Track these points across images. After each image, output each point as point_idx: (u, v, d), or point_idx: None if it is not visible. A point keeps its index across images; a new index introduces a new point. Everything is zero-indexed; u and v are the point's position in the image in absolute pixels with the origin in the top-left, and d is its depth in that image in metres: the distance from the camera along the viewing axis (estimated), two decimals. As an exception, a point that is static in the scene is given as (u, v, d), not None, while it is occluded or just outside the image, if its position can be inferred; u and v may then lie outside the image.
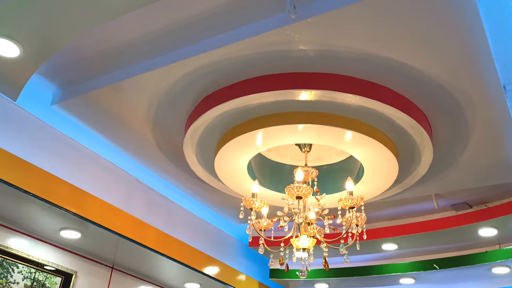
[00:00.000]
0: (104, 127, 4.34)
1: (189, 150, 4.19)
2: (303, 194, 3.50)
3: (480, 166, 4.32)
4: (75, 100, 3.95)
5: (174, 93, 3.73)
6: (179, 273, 5.79)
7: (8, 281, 4.40)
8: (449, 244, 5.67)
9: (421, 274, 5.96)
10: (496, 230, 5.14)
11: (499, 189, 4.85)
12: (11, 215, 4.40)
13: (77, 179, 4.40)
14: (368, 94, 3.38)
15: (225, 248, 6.32)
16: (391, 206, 5.32)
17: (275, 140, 3.86)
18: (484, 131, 3.83)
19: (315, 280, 6.54)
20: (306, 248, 3.54)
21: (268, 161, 4.61)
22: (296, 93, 3.42)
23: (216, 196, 5.28)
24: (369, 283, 6.46)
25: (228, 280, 6.12)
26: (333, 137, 3.75)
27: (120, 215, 4.76)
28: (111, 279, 5.51)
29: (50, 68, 3.74)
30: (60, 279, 4.88)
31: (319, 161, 4.50)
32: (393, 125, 3.67)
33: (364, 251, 5.75)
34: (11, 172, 3.83)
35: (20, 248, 4.58)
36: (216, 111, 3.66)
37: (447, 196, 5.05)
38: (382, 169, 4.10)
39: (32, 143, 4.12)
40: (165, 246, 5.22)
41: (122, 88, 3.78)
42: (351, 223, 3.42)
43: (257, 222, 3.61)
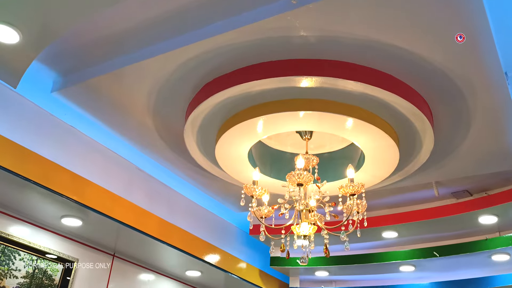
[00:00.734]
0: (105, 114, 4.33)
1: (190, 138, 4.19)
2: (304, 181, 3.50)
3: (481, 153, 4.31)
4: (75, 87, 3.94)
5: (174, 80, 3.72)
6: (180, 260, 5.82)
7: (10, 268, 4.42)
8: (449, 232, 5.68)
9: (421, 262, 5.98)
10: (496, 217, 5.15)
11: (499, 177, 4.85)
12: (12, 202, 4.41)
13: (78, 167, 4.40)
14: (369, 81, 3.37)
15: (226, 236, 6.34)
16: (391, 194, 5.32)
17: (276, 127, 3.86)
18: (485, 118, 3.82)
19: (316, 267, 6.57)
20: (307, 235, 3.54)
21: (268, 149, 4.60)
22: (297, 80, 3.41)
23: (217, 184, 5.29)
24: (369, 270, 6.49)
25: (229, 268, 6.14)
26: (334, 124, 3.75)
27: (121, 202, 4.77)
28: (112, 266, 5.54)
29: (50, 55, 3.72)
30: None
31: (319, 149, 4.50)
32: (394, 112, 3.66)
33: (365, 238, 5.76)
34: (12, 159, 3.83)
35: (22, 235, 4.59)
36: (216, 98, 3.65)
37: (447, 184, 5.05)
38: (383, 156, 4.09)
39: (32, 131, 4.11)
40: (166, 233, 5.24)
41: (122, 75, 3.77)
42: (352, 210, 3.42)
43: (258, 210, 3.61)
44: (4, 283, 4.35)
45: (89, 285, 5.18)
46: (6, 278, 4.37)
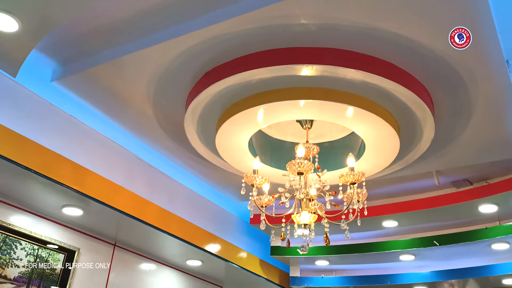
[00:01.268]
0: (104, 104, 4.32)
1: (190, 127, 4.18)
2: (305, 170, 3.50)
3: (482, 142, 4.31)
4: (75, 76, 3.93)
5: (174, 69, 3.71)
6: (181, 250, 5.84)
7: (12, 257, 4.44)
8: (450, 221, 5.69)
9: (421, 251, 6.00)
10: (496, 206, 5.16)
11: (500, 166, 4.86)
12: (13, 192, 4.42)
13: (78, 157, 4.40)
14: (370, 69, 3.36)
15: (226, 225, 6.36)
16: (391, 183, 5.33)
17: (276, 116, 3.85)
18: (486, 106, 3.81)
19: (316, 257, 6.59)
20: (307, 224, 3.55)
21: (269, 139, 4.60)
22: (297, 68, 3.39)
23: (217, 174, 5.29)
24: (369, 259, 6.52)
25: (230, 257, 6.17)
26: (335, 112, 3.74)
27: (121, 192, 4.78)
28: (113, 256, 5.56)
29: (49, 44, 3.71)
30: (63, 255, 4.92)
31: (320, 138, 4.49)
32: (395, 101, 3.66)
33: (365, 228, 5.77)
34: (12, 148, 3.83)
35: (23, 225, 4.60)
36: (216, 87, 3.64)
37: (448, 173, 5.06)
38: (383, 145, 4.09)
39: (32, 120, 4.11)
40: (167, 223, 5.25)
41: (122, 65, 3.75)
42: (352, 198, 3.42)
43: (259, 199, 3.62)
44: (6, 272, 4.37)
45: (90, 274, 5.20)
46: (7, 267, 4.39)
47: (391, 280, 6.57)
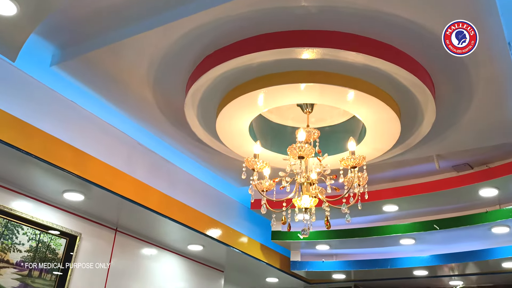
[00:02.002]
0: (104, 88, 4.31)
1: (190, 112, 4.17)
2: (305, 154, 3.49)
3: (483, 126, 4.30)
4: (74, 61, 3.91)
5: (174, 53, 3.68)
6: (182, 234, 5.87)
7: (14, 242, 4.46)
8: (450, 205, 5.71)
9: (421, 235, 6.03)
10: (497, 190, 5.16)
11: (500, 150, 4.85)
12: (14, 177, 4.43)
13: (78, 141, 4.40)
14: (371, 52, 3.33)
15: (227, 210, 6.38)
16: (392, 167, 5.33)
17: (277, 100, 3.84)
18: (487, 90, 3.79)
19: (316, 241, 6.62)
20: (308, 208, 3.55)
21: (269, 123, 4.59)
22: (298, 52, 3.37)
23: (217, 159, 5.29)
24: (370, 244, 6.55)
25: (231, 242, 6.20)
26: (336, 96, 3.73)
27: (122, 177, 4.78)
28: (115, 241, 5.59)
29: (48, 28, 3.68)
30: (65, 240, 4.94)
31: (321, 123, 4.48)
32: (396, 84, 3.64)
33: (365, 212, 5.78)
34: (12, 133, 3.83)
35: (24, 210, 4.62)
36: (217, 71, 3.62)
37: (448, 157, 5.06)
38: (384, 129, 4.08)
39: (32, 105, 4.10)
40: (168, 208, 5.27)
41: (121, 49, 3.73)
42: (353, 182, 3.42)
43: (259, 183, 3.62)
44: (8, 257, 4.39)
45: (92, 258, 5.23)
46: (10, 252, 4.41)
47: (392, 264, 6.62)
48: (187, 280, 6.64)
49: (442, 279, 7.09)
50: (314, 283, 7.90)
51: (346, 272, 7.15)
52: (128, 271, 5.72)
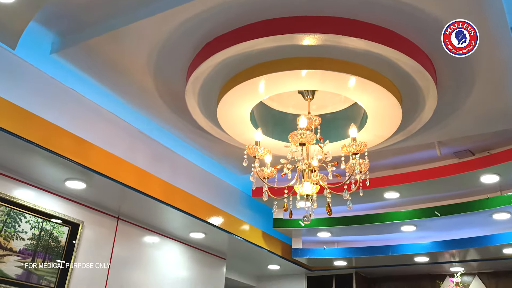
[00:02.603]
0: (105, 76, 4.29)
1: (191, 99, 4.16)
2: (307, 141, 3.48)
3: (484, 112, 4.29)
4: (74, 49, 3.90)
5: (174, 40, 3.67)
6: (184, 222, 5.89)
7: (17, 230, 4.48)
8: (451, 192, 5.72)
9: (422, 222, 6.04)
10: (498, 176, 5.16)
11: (502, 136, 4.84)
12: (15, 165, 4.44)
13: (80, 130, 4.40)
14: (373, 38, 3.32)
15: (228, 198, 6.40)
16: (394, 154, 5.33)
17: (278, 86, 3.83)
18: (489, 76, 3.78)
19: (318, 228, 6.64)
20: (309, 194, 3.55)
21: (270, 111, 4.58)
22: (299, 38, 3.36)
23: (219, 147, 5.29)
24: (371, 231, 6.57)
25: (233, 230, 6.22)
26: (337, 82, 3.72)
27: (124, 165, 4.79)
28: (117, 229, 5.61)
29: (48, 15, 3.66)
30: (68, 228, 4.96)
31: (322, 110, 4.47)
32: (397, 70, 3.62)
33: (366, 199, 5.80)
34: (14, 121, 3.82)
35: (27, 198, 4.63)
36: (217, 57, 3.61)
37: (450, 143, 5.05)
38: (385, 115, 4.08)
39: (33, 93, 4.10)
40: (169, 196, 5.28)
41: (121, 36, 3.71)
42: (354, 169, 3.41)
43: (261, 170, 3.61)
44: (11, 245, 4.42)
45: (94, 247, 5.26)
46: (13, 240, 4.43)
47: (393, 251, 6.65)
48: (189, 268, 6.68)
49: (443, 266, 7.13)
50: (316, 270, 7.95)
51: (348, 259, 7.19)
52: (131, 259, 5.74)
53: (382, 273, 7.86)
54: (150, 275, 5.98)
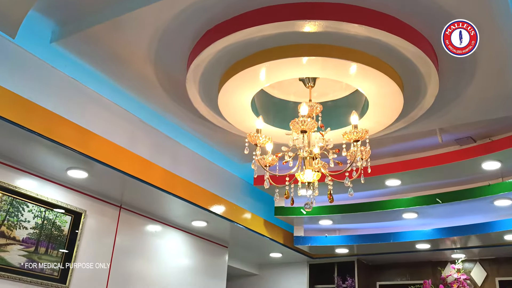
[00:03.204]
0: (105, 65, 4.28)
1: (192, 88, 4.15)
2: (308, 128, 3.49)
3: (486, 99, 4.27)
4: (74, 37, 3.88)
5: (174, 28, 3.65)
6: (186, 211, 5.91)
7: (19, 219, 4.50)
8: (453, 179, 5.71)
9: (423, 209, 6.05)
10: (499, 163, 5.15)
11: (503, 123, 4.83)
12: (17, 155, 4.45)
13: (80, 119, 4.41)
14: (374, 24, 3.29)
15: (230, 187, 6.41)
16: (395, 142, 5.32)
17: (279, 74, 3.82)
18: (491, 61, 3.75)
19: (319, 216, 6.66)
20: (310, 182, 3.55)
21: (271, 99, 4.57)
22: (300, 24, 3.33)
23: (220, 136, 5.29)
24: (373, 218, 6.59)
25: (234, 218, 6.24)
26: (338, 69, 3.70)
27: (125, 154, 4.80)
28: (119, 218, 5.63)
29: (47, 4, 3.64)
30: (70, 217, 4.99)
31: (323, 97, 4.46)
32: (398, 56, 3.60)
33: (368, 187, 5.80)
34: (14, 111, 3.83)
35: (29, 188, 4.65)
36: (217, 45, 3.59)
37: (451, 130, 5.04)
38: (387, 102, 4.07)
39: (33, 83, 4.09)
40: (171, 184, 5.30)
41: (121, 24, 3.69)
42: (356, 156, 3.42)
43: (262, 158, 3.62)
44: (14, 234, 4.44)
45: (97, 235, 5.29)
46: (16, 229, 4.46)
47: (394, 238, 6.67)
48: (192, 256, 6.72)
49: (444, 252, 7.15)
50: (317, 258, 8.00)
51: (349, 247, 7.21)
52: (133, 247, 5.78)
53: (384, 260, 7.90)
54: (152, 263, 6.02)
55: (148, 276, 5.89)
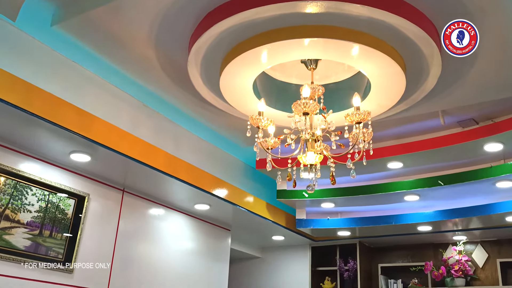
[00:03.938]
0: (106, 48, 4.26)
1: (194, 70, 4.15)
2: (310, 110, 3.48)
3: (488, 80, 4.26)
4: (75, 20, 3.86)
5: (175, 10, 3.62)
6: (188, 194, 5.94)
7: (23, 203, 4.53)
8: (455, 161, 5.72)
9: (425, 191, 6.05)
10: (502, 145, 5.15)
11: (506, 104, 4.81)
12: (20, 139, 4.46)
13: (82, 102, 4.40)
14: (376, 4, 3.27)
15: (232, 170, 6.43)
16: (397, 124, 5.31)
17: (281, 56, 3.80)
18: (494, 43, 3.73)
19: (321, 199, 6.68)
20: (313, 164, 3.56)
21: (273, 81, 4.56)
22: (302, 5, 3.31)
23: (222, 119, 5.29)
24: (374, 201, 6.61)
25: (237, 201, 6.27)
26: (340, 51, 3.69)
27: (128, 138, 4.80)
28: (122, 201, 5.67)
29: (47, -14, 3.63)
30: (74, 201, 5.02)
31: (325, 80, 4.44)
32: (401, 37, 3.58)
33: (370, 169, 5.81)
34: (16, 94, 3.82)
35: (32, 171, 4.67)
36: (219, 27, 3.57)
37: (453, 112, 5.03)
38: (389, 84, 4.05)
39: (35, 66, 4.08)
40: (174, 168, 5.31)
41: (122, 7, 3.67)
42: (358, 138, 3.42)
43: (264, 141, 3.62)
44: (19, 217, 4.47)
45: (100, 219, 5.33)
46: (20, 212, 4.49)
47: (396, 221, 6.70)
48: (195, 239, 6.76)
49: (446, 234, 7.18)
50: (320, 240, 8.04)
51: (351, 229, 7.25)
52: (136, 230, 5.82)
53: (386, 242, 7.94)
54: (155, 246, 6.06)
55: (151, 259, 5.94)
